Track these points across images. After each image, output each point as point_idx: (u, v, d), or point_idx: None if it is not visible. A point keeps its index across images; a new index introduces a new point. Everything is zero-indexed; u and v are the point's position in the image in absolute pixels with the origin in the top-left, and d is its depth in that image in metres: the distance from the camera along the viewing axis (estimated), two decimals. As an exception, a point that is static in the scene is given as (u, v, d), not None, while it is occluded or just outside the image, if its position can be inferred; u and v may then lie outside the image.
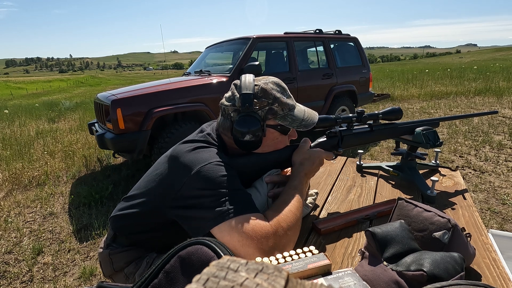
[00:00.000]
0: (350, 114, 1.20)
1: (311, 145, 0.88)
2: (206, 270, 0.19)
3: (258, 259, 0.56)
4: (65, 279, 1.75)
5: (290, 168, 0.86)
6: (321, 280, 0.54)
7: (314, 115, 0.86)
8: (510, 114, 5.24)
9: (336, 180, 1.18)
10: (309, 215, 0.92)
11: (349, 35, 4.40)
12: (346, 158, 1.41)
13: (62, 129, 5.87)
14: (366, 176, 1.20)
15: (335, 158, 1.07)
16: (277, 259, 0.56)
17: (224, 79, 3.10)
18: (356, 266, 0.62)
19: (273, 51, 3.96)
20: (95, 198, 2.64)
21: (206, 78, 3.14)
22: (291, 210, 0.70)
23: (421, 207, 0.68)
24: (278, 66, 3.81)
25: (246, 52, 3.30)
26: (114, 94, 2.75)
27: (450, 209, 0.91)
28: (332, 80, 4.01)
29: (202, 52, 4.40)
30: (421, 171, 1.19)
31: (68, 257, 1.95)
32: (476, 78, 10.65)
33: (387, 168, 1.17)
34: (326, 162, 1.36)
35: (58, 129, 5.86)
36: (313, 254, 0.58)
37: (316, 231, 0.83)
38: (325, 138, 0.92)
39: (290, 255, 0.57)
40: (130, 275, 0.83)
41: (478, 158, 3.28)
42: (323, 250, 0.75)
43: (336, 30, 4.34)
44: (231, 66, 3.35)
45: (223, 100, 0.81)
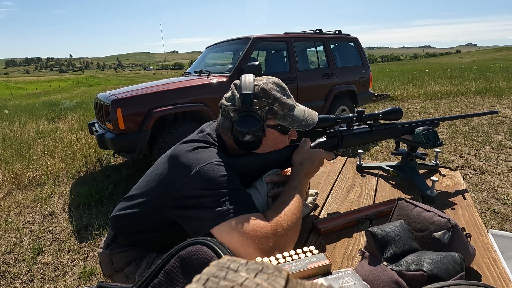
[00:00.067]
0: (350, 114, 1.19)
1: (311, 145, 0.88)
2: (206, 270, 0.19)
3: (258, 259, 0.56)
4: (65, 279, 1.75)
5: (290, 168, 0.86)
6: (321, 280, 0.54)
7: (314, 115, 0.86)
8: (510, 114, 5.24)
9: (336, 180, 1.18)
10: (309, 215, 0.92)
11: (349, 35, 4.40)
12: (346, 158, 1.41)
13: (62, 129, 5.87)
14: (366, 176, 1.20)
15: (335, 158, 1.07)
16: (277, 259, 0.56)
17: (224, 79, 3.10)
18: (356, 266, 0.62)
19: (273, 51, 3.96)
20: (95, 198, 2.65)
21: (206, 78, 3.14)
22: (291, 210, 0.70)
23: (421, 207, 0.68)
24: (278, 66, 3.81)
25: (246, 52, 3.30)
26: (114, 94, 2.75)
27: (450, 209, 0.91)
28: (332, 80, 4.01)
29: (202, 52, 4.40)
30: (421, 171, 1.19)
31: (68, 257, 1.95)
32: (476, 78, 10.65)
33: (387, 168, 1.17)
34: (326, 162, 1.36)
35: (58, 129, 5.86)
36: (313, 254, 0.58)
37: (316, 231, 0.83)
38: (325, 138, 0.92)
39: (290, 255, 0.57)
40: (130, 275, 0.83)
41: (478, 158, 3.28)
42: (323, 250, 0.75)
43: (336, 30, 4.34)
44: (231, 66, 3.35)
45: (223, 100, 0.81)
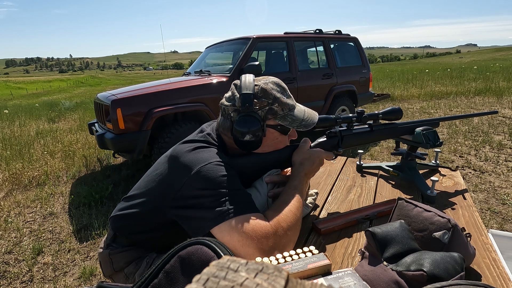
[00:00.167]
0: (350, 114, 1.20)
1: (311, 145, 0.88)
2: (206, 270, 0.19)
3: (258, 259, 0.56)
4: (65, 279, 1.75)
5: (290, 168, 0.86)
6: (321, 280, 0.54)
7: (314, 115, 0.86)
8: (510, 114, 5.24)
9: (336, 180, 1.18)
10: (309, 215, 0.92)
11: (349, 35, 4.40)
12: (346, 158, 1.41)
13: (62, 129, 5.87)
14: (366, 176, 1.20)
15: (335, 158, 1.07)
16: (277, 259, 0.56)
17: (224, 79, 3.10)
18: (356, 266, 0.62)
19: (273, 51, 3.96)
20: (95, 198, 2.65)
21: (206, 78, 3.14)
22: (291, 210, 0.70)
23: (421, 207, 0.68)
24: (278, 66, 3.81)
25: (246, 52, 3.30)
26: (114, 94, 2.75)
27: (450, 209, 0.91)
28: (332, 80, 4.01)
29: (202, 52, 4.40)
30: (421, 171, 1.19)
31: (68, 257, 1.95)
32: (476, 78, 10.65)
33: (387, 168, 1.17)
34: (326, 162, 1.36)
35: (58, 129, 5.86)
36: (313, 254, 0.58)
37: (316, 231, 0.83)
38: (325, 138, 0.92)
39: (290, 255, 0.57)
40: (130, 275, 0.83)
41: (478, 158, 3.28)
42: (323, 250, 0.75)
43: (336, 30, 4.34)
44: (231, 66, 3.35)
45: (223, 100, 0.81)
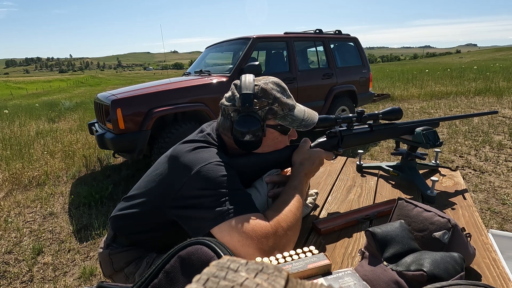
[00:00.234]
0: (350, 114, 1.19)
1: (311, 145, 0.88)
2: (206, 270, 0.18)
3: (258, 259, 0.56)
4: (65, 279, 1.75)
5: (290, 168, 0.86)
6: (321, 280, 0.54)
7: (314, 115, 0.86)
8: (510, 114, 5.24)
9: (336, 180, 1.18)
10: (309, 215, 0.92)
11: (349, 35, 4.40)
12: (346, 158, 1.41)
13: (62, 129, 5.87)
14: (366, 176, 1.20)
15: (335, 158, 1.07)
16: (277, 259, 0.56)
17: (224, 79, 3.10)
18: (356, 266, 0.62)
19: (273, 51, 3.96)
20: (95, 198, 2.65)
21: (206, 78, 3.14)
22: (291, 210, 0.70)
23: (421, 207, 0.68)
24: (278, 66, 3.81)
25: (246, 52, 3.30)
26: (114, 94, 2.75)
27: (450, 209, 0.91)
28: (332, 80, 4.01)
29: (202, 52, 4.40)
30: (421, 171, 1.19)
31: (68, 257, 1.95)
32: (476, 78, 10.65)
33: (387, 168, 1.17)
34: (326, 162, 1.36)
35: (58, 129, 5.86)
36: (313, 254, 0.58)
37: (316, 231, 0.83)
38: (325, 138, 0.92)
39: (290, 255, 0.57)
40: (130, 275, 0.83)
41: (478, 158, 3.28)
42: (323, 250, 0.75)
43: (336, 30, 4.34)
44: (231, 66, 3.35)
45: (223, 100, 0.81)
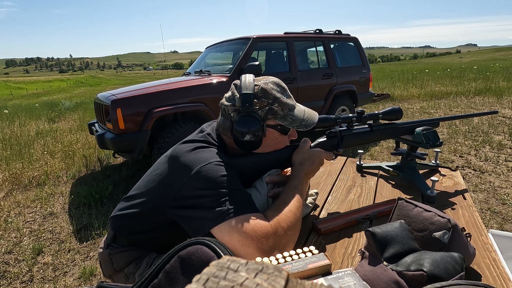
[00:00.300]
0: (350, 114, 1.20)
1: (311, 145, 0.88)
2: (206, 270, 0.18)
3: (258, 259, 0.56)
4: (65, 279, 1.75)
5: (290, 168, 0.86)
6: (321, 280, 0.54)
7: (314, 115, 0.86)
8: (510, 114, 5.24)
9: (336, 180, 1.18)
10: (309, 215, 0.92)
11: (349, 35, 4.40)
12: (346, 158, 1.41)
13: (62, 129, 5.87)
14: (366, 176, 1.20)
15: (335, 158, 1.07)
16: (277, 259, 0.56)
17: (224, 79, 3.10)
18: (356, 266, 0.62)
19: (273, 51, 3.96)
20: (95, 198, 2.65)
21: (206, 78, 3.14)
22: (291, 210, 0.70)
23: (421, 207, 0.68)
24: (278, 66, 3.81)
25: (246, 52, 3.30)
26: (114, 94, 2.75)
27: (450, 209, 0.91)
28: (332, 80, 4.01)
29: (202, 52, 4.40)
30: (421, 171, 1.19)
31: (68, 257, 1.95)
32: (476, 78, 10.65)
33: (387, 168, 1.17)
34: (326, 162, 1.36)
35: (58, 129, 5.86)
36: (313, 254, 0.58)
37: (316, 231, 0.83)
38: (325, 138, 0.92)
39: (290, 255, 0.57)
40: (130, 275, 0.83)
41: (478, 158, 3.28)
42: (323, 250, 0.75)
43: (336, 30, 4.34)
44: (231, 66, 3.35)
45: (223, 100, 0.81)
